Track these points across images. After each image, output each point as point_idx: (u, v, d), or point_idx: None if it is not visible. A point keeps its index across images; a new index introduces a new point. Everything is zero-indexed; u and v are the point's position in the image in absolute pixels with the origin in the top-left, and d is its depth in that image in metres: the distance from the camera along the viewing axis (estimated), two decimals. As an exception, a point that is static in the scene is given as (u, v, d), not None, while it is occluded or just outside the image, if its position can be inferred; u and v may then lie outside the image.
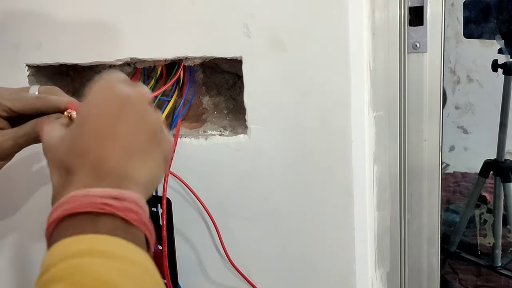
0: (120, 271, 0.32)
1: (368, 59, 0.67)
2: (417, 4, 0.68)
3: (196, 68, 0.78)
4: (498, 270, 1.86)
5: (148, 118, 0.41)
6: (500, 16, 1.63)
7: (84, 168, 0.37)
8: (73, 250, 0.32)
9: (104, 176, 0.37)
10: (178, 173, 0.70)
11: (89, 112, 0.40)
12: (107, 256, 0.32)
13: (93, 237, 0.33)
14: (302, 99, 0.66)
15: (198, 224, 0.74)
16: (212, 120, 0.77)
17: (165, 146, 0.42)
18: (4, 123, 0.51)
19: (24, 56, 0.72)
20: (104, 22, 0.69)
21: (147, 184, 0.39)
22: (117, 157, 0.38)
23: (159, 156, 0.41)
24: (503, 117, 1.78)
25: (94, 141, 0.38)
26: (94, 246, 0.32)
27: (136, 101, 0.41)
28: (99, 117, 0.39)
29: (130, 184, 0.37)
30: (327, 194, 0.69)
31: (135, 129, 0.40)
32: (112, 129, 0.39)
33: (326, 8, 0.62)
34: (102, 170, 0.37)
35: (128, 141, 0.39)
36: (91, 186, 0.36)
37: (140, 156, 0.39)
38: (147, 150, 0.40)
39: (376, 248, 0.74)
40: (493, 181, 1.83)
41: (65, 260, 0.31)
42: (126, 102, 0.40)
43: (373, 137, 0.70)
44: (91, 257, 0.32)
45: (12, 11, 0.71)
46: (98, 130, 0.39)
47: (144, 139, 0.40)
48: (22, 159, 0.69)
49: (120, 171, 0.38)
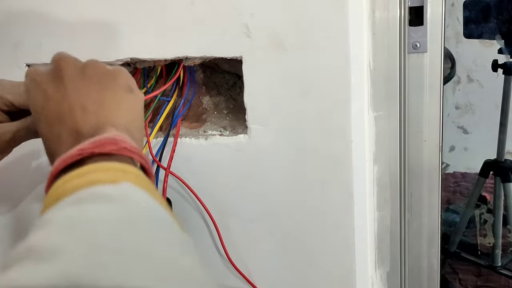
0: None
1: (368, 59, 0.67)
2: (417, 4, 0.68)
3: (196, 68, 0.78)
4: (498, 270, 1.86)
5: (107, 73, 0.46)
6: (500, 16, 1.63)
7: (67, 134, 0.42)
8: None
9: (83, 136, 0.41)
10: (178, 173, 0.70)
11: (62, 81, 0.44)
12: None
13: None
14: (302, 99, 0.66)
15: (198, 224, 0.74)
16: (212, 120, 0.77)
17: (123, 84, 0.46)
18: (4, 117, 0.51)
19: (24, 56, 0.72)
20: (104, 22, 0.69)
21: (127, 125, 0.44)
22: (90, 115, 0.42)
23: (125, 97, 0.46)
24: (503, 117, 1.78)
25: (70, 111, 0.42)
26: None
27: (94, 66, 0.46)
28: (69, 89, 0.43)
29: (106, 129, 0.41)
30: (327, 194, 0.69)
31: (99, 87, 0.44)
32: (85, 95, 0.44)
33: (326, 8, 0.62)
34: (80, 133, 0.41)
35: (96, 98, 0.43)
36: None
37: (108, 106, 0.44)
38: (113, 98, 0.45)
39: (376, 248, 0.74)
40: (493, 181, 1.83)
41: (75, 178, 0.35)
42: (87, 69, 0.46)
43: (373, 137, 0.70)
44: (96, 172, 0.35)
45: (12, 11, 0.71)
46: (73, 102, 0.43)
47: (106, 91, 0.45)
48: (21, 156, 0.69)
49: (94, 124, 0.42)
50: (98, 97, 0.44)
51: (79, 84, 0.44)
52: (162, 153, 0.71)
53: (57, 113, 0.42)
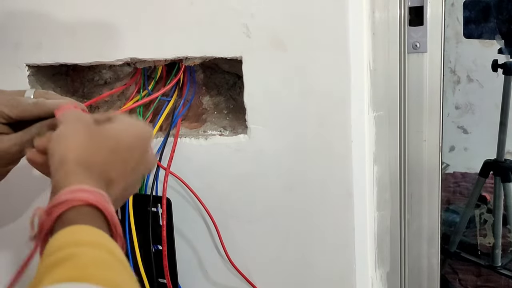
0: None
1: (368, 59, 0.67)
2: (417, 4, 0.68)
3: (196, 68, 0.78)
4: (498, 270, 1.86)
5: (145, 157, 0.49)
6: (500, 16, 1.63)
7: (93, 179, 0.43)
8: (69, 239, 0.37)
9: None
10: (178, 173, 0.70)
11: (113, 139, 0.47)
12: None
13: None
14: (302, 99, 0.66)
15: (198, 224, 0.74)
16: (212, 120, 0.77)
17: (145, 171, 0.51)
18: (5, 128, 0.51)
19: (24, 56, 0.72)
20: (104, 22, 0.69)
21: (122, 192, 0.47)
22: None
23: (139, 177, 0.49)
24: (503, 117, 1.78)
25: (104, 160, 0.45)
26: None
27: (142, 144, 0.49)
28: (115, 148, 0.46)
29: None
30: (327, 194, 0.69)
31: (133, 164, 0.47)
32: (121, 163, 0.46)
33: (326, 8, 0.62)
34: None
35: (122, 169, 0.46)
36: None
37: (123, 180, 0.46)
38: (133, 176, 0.48)
39: (376, 248, 0.74)
40: (493, 181, 1.83)
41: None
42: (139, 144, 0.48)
43: (373, 137, 0.70)
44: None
45: (13, 11, 0.71)
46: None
47: (133, 170, 0.48)
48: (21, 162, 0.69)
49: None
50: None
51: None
52: (162, 153, 0.71)
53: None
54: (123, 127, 0.48)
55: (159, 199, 0.68)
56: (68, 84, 0.81)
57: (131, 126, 0.49)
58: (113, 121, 0.48)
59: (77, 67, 0.79)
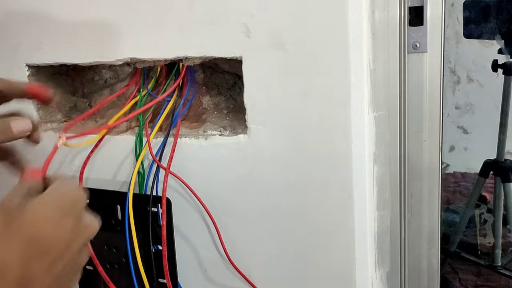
0: None
1: (368, 59, 0.67)
2: (417, 4, 0.68)
3: (196, 68, 0.78)
4: (498, 270, 1.86)
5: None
6: (500, 16, 1.63)
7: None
8: None
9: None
10: (178, 173, 0.70)
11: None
12: None
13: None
14: (302, 99, 0.66)
15: (198, 224, 0.74)
16: (212, 120, 0.77)
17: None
18: None
19: (24, 56, 0.72)
20: (104, 22, 0.69)
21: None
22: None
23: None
24: (503, 117, 1.78)
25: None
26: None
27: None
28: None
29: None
30: (327, 194, 0.69)
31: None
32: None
33: (326, 8, 0.62)
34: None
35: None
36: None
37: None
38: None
39: (376, 248, 0.74)
40: (493, 181, 1.83)
41: None
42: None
43: (373, 137, 0.70)
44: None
45: (13, 11, 0.71)
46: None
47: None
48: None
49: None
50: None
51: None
52: (162, 153, 0.71)
53: None
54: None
55: (159, 199, 0.68)
56: (68, 84, 0.81)
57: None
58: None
59: (77, 67, 0.79)
